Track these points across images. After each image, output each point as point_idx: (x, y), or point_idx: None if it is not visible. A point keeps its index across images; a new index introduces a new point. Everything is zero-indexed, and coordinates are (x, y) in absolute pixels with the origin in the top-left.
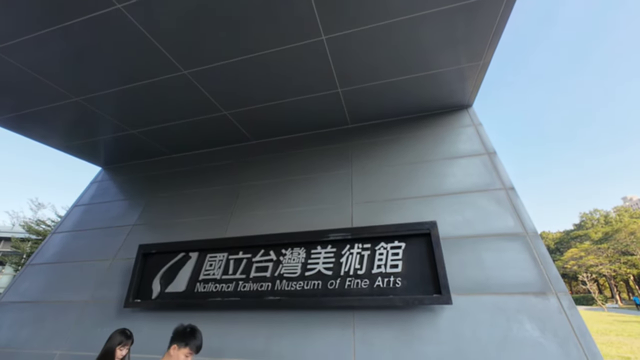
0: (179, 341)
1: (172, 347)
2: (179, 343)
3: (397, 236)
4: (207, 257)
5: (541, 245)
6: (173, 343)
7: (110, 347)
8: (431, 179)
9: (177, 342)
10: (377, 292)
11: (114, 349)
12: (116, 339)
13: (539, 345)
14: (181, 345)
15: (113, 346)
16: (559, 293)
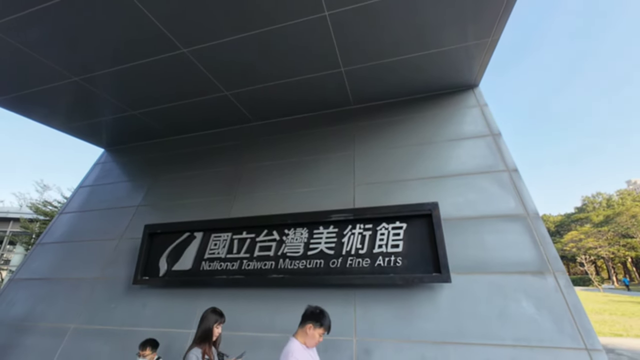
0: (314, 321)
1: (308, 327)
2: (315, 323)
3: (399, 217)
4: (212, 236)
5: (541, 226)
6: (308, 322)
7: (208, 327)
8: (434, 161)
9: (313, 322)
10: (378, 270)
11: (212, 327)
12: (212, 318)
13: (534, 322)
14: (317, 326)
15: (210, 325)
16: (557, 272)
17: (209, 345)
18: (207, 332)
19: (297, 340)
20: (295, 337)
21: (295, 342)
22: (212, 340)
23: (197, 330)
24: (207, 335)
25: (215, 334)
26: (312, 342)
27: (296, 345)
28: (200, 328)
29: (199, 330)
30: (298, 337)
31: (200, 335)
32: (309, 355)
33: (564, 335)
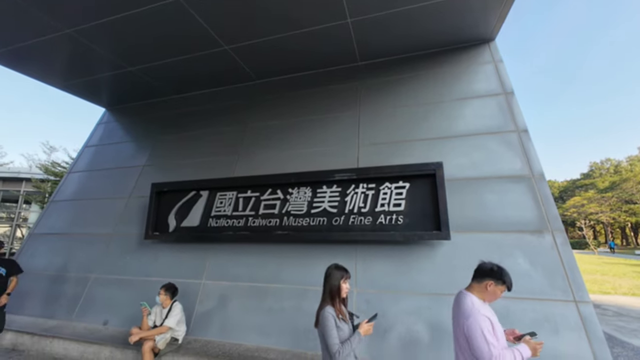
0: (496, 279)
1: (488, 283)
2: (496, 281)
3: (402, 176)
4: (217, 195)
5: (545, 186)
6: (487, 279)
7: (334, 283)
8: (441, 121)
9: (494, 279)
10: (379, 228)
11: (339, 283)
12: (337, 274)
13: (528, 276)
14: (498, 283)
15: (337, 281)
16: (555, 231)
17: (340, 303)
18: (335, 289)
19: (473, 295)
20: (470, 292)
21: (473, 297)
22: (342, 298)
23: (324, 288)
24: (336, 293)
25: (343, 290)
26: (493, 298)
27: (476, 300)
28: (327, 286)
29: (326, 288)
30: (474, 292)
31: (329, 293)
32: (489, 310)
33: (555, 288)
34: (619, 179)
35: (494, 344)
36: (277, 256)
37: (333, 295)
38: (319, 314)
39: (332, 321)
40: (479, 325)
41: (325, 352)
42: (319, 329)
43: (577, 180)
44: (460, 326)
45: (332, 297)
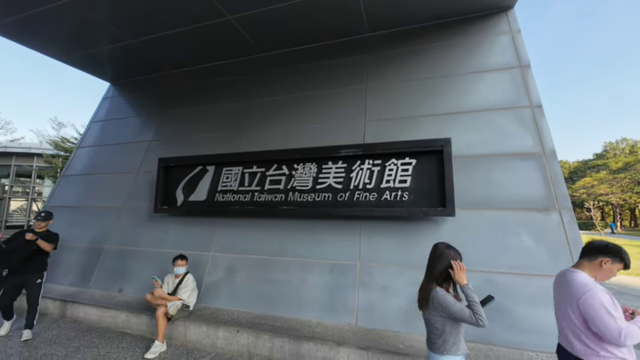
0: (613, 256)
1: (604, 261)
2: (613, 258)
3: (409, 153)
4: (224, 170)
5: (556, 165)
6: (603, 257)
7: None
8: (452, 96)
9: (611, 257)
10: (384, 204)
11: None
12: (449, 254)
13: (532, 254)
14: (616, 261)
15: (448, 262)
16: (563, 210)
17: (451, 285)
18: (447, 270)
19: (584, 273)
20: (580, 270)
21: (585, 275)
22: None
23: (435, 268)
24: (448, 274)
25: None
26: (607, 276)
27: (589, 278)
28: (437, 265)
29: (438, 268)
30: (585, 270)
31: (440, 273)
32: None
33: (558, 264)
34: (634, 159)
35: (620, 317)
36: (283, 231)
37: (446, 278)
38: (429, 296)
39: (452, 299)
40: (599, 300)
41: (435, 335)
42: (429, 312)
43: (589, 161)
44: (573, 305)
45: (445, 279)
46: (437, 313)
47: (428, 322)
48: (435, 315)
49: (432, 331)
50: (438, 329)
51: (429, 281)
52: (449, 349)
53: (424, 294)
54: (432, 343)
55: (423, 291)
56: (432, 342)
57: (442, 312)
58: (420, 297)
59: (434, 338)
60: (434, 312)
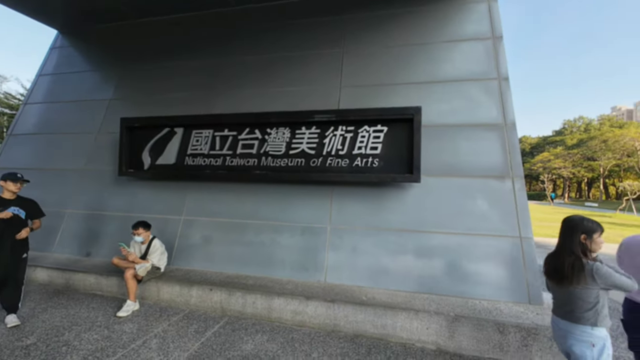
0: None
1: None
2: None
3: (381, 120)
4: (193, 133)
5: (515, 135)
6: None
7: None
8: (426, 65)
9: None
10: (355, 170)
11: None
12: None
13: (485, 216)
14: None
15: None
16: (515, 177)
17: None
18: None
19: None
20: None
21: None
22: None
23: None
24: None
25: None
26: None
27: None
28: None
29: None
30: None
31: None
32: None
33: (506, 226)
34: (587, 136)
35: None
36: (256, 195)
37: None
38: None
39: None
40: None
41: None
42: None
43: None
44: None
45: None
46: (596, 285)
47: (577, 296)
48: (592, 288)
49: (581, 305)
50: (590, 302)
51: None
52: (601, 320)
53: (570, 266)
54: (575, 315)
55: (568, 266)
56: (577, 315)
57: (604, 283)
58: (565, 269)
59: (580, 311)
60: (590, 285)
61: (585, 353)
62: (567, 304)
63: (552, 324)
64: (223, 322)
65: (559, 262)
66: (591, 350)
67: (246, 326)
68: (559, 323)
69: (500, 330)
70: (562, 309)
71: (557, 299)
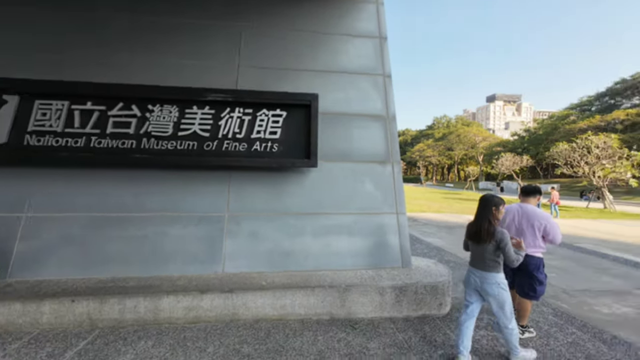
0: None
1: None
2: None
3: (281, 104)
4: (37, 104)
5: (395, 127)
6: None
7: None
8: (325, 54)
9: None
10: (254, 154)
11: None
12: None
13: (372, 197)
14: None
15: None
16: (394, 163)
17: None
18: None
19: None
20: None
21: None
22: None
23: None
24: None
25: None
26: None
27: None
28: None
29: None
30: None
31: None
32: None
33: (386, 204)
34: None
35: None
36: (136, 182)
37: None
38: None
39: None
40: (554, 221)
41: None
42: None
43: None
44: (538, 223)
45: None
46: (496, 242)
47: (488, 251)
48: (492, 244)
49: (489, 258)
50: (495, 256)
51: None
52: (500, 269)
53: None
54: (487, 265)
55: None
56: (489, 265)
57: (498, 245)
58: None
59: (489, 263)
60: (492, 241)
61: (494, 290)
62: (482, 257)
63: (468, 273)
64: (92, 336)
65: (478, 227)
66: (498, 287)
67: (125, 335)
68: (475, 272)
69: (380, 293)
70: (478, 261)
71: (474, 254)
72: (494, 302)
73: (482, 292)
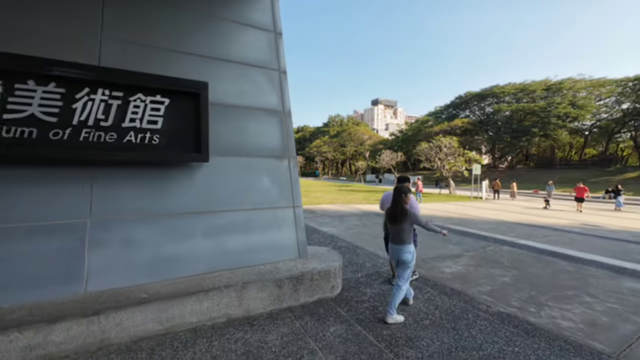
0: (409, 181)
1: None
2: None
3: (162, 90)
4: None
5: (290, 122)
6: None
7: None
8: (216, 40)
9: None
10: (127, 147)
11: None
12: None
13: (268, 192)
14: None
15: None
16: (290, 158)
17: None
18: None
19: None
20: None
21: None
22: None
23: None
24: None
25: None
26: None
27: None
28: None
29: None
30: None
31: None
32: None
33: (283, 199)
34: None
35: None
36: None
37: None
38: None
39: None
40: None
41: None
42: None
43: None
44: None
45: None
46: (410, 222)
47: (403, 229)
48: (409, 224)
49: (405, 233)
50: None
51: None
52: (411, 241)
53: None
54: (404, 239)
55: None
56: (404, 239)
57: (412, 222)
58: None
59: (404, 237)
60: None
61: (408, 257)
62: (399, 235)
63: (389, 247)
64: None
65: (395, 211)
66: (410, 254)
67: None
68: (395, 246)
69: (278, 285)
70: (396, 237)
71: (393, 233)
72: (402, 265)
73: (399, 260)
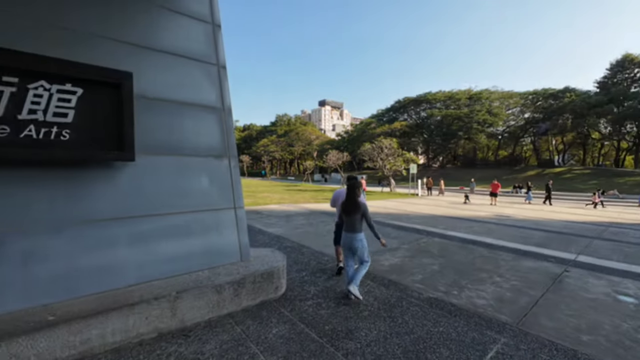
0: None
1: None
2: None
3: (73, 78)
4: None
5: (231, 120)
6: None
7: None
8: (144, 26)
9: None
10: (26, 144)
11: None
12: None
13: (207, 193)
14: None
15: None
16: (231, 157)
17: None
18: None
19: None
20: None
21: None
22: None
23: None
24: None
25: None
26: None
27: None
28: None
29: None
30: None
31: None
32: None
33: (223, 200)
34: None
35: None
36: None
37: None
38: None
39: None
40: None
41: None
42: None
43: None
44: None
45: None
46: (362, 211)
47: (356, 219)
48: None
49: (357, 223)
50: (360, 222)
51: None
52: (362, 230)
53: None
54: (357, 229)
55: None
56: (357, 228)
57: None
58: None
59: (357, 227)
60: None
61: (360, 243)
62: (353, 224)
63: (343, 236)
64: None
65: (349, 204)
66: (362, 241)
67: None
68: (349, 235)
69: (218, 291)
70: (350, 227)
71: (347, 223)
72: (360, 250)
73: (352, 247)
